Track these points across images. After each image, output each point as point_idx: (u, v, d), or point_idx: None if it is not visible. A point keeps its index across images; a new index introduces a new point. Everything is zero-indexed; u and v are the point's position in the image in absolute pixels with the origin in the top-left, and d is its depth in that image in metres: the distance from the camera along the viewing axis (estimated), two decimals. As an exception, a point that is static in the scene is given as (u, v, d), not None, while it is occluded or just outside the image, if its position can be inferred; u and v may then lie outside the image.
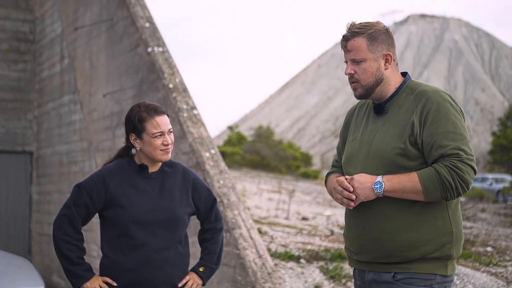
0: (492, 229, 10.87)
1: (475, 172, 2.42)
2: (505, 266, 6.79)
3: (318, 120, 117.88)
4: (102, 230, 2.88)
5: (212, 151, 5.79)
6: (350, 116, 2.81)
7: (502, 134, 38.98)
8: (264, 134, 34.50)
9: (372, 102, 2.67)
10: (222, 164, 5.77)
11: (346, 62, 2.61)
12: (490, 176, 28.27)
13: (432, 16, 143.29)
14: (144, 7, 7.05)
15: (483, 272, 6.39)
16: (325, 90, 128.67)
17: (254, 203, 12.44)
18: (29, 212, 10.07)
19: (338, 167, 2.85)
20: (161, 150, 2.80)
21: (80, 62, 8.42)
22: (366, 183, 2.45)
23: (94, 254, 7.27)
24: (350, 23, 2.61)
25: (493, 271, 6.51)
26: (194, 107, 6.16)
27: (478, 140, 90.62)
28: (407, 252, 2.45)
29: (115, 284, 2.80)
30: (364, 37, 2.55)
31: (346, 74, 2.63)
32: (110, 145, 7.35)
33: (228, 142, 30.91)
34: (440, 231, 2.46)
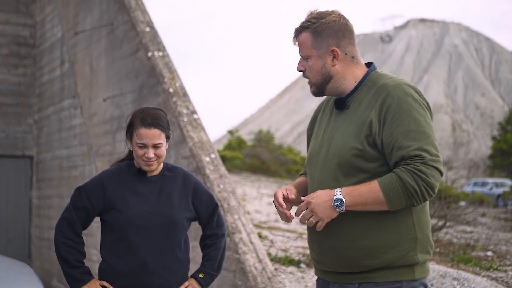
0: (493, 233, 10.86)
1: (441, 174, 2.19)
2: (505, 271, 6.78)
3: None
4: (101, 234, 2.89)
5: (212, 156, 5.79)
6: (317, 112, 2.60)
7: (502, 138, 39.00)
8: (264, 139, 34.49)
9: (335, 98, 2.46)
10: (222, 169, 5.77)
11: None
12: (490, 180, 28.27)
13: (432, 21, 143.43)
14: (144, 12, 7.06)
15: (483, 276, 6.38)
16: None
17: (254, 207, 12.44)
18: (29, 216, 10.06)
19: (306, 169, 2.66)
20: (143, 160, 2.77)
21: (80, 66, 8.43)
22: (325, 203, 2.21)
23: (94, 258, 7.26)
24: (310, 11, 2.41)
25: (494, 275, 6.50)
26: (194, 112, 6.16)
27: (478, 144, 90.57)
28: (367, 261, 2.25)
29: None
30: (308, 33, 2.36)
31: (297, 70, 2.44)
32: (110, 150, 7.35)
33: (228, 146, 30.91)
34: (403, 237, 2.24)
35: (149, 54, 6.56)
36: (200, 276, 2.93)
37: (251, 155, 28.88)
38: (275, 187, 18.49)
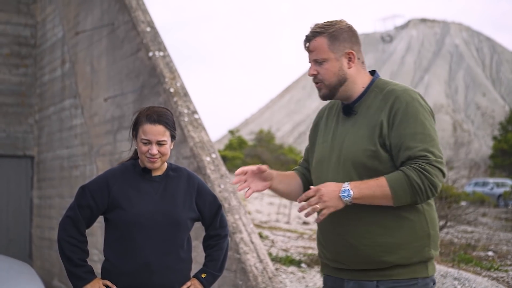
0: (493, 233, 10.86)
1: (444, 175, 2.33)
2: (506, 271, 6.78)
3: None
4: (105, 233, 2.89)
5: (213, 155, 5.79)
6: (320, 118, 2.71)
7: (503, 138, 39.00)
8: (265, 139, 34.53)
9: (341, 102, 2.58)
10: (223, 169, 5.77)
11: (310, 62, 2.53)
12: (491, 180, 28.24)
13: (433, 21, 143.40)
14: (145, 12, 7.06)
15: (484, 276, 6.38)
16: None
17: (255, 207, 12.44)
18: (30, 216, 10.07)
19: (301, 166, 2.77)
20: (146, 157, 2.78)
21: (81, 66, 8.43)
22: (333, 192, 2.31)
23: (95, 258, 7.26)
24: (314, 23, 2.52)
25: (494, 275, 6.50)
26: (195, 112, 6.16)
27: (479, 144, 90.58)
28: (385, 257, 2.36)
29: (115, 287, 2.80)
30: (325, 37, 2.47)
31: (309, 75, 2.54)
32: (111, 150, 7.35)
33: (229, 146, 30.93)
34: (418, 234, 2.38)
35: (150, 54, 6.57)
36: (203, 276, 2.94)
37: (252, 155, 28.91)
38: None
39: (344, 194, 2.31)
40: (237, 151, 28.51)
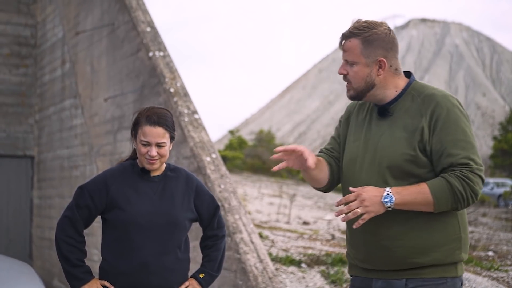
0: (494, 233, 10.85)
1: (483, 182, 2.36)
2: (506, 271, 6.78)
3: (319, 124, 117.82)
4: (103, 233, 2.89)
5: (213, 156, 5.79)
6: (350, 112, 2.68)
7: (503, 138, 38.97)
8: (265, 139, 34.53)
9: (374, 104, 2.56)
10: (223, 169, 5.77)
11: (343, 60, 2.53)
12: (491, 180, 28.22)
13: (433, 21, 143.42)
14: (145, 12, 7.06)
15: (484, 276, 6.38)
16: (326, 94, 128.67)
17: (255, 207, 12.45)
18: (30, 216, 10.07)
19: (324, 152, 2.71)
20: (146, 158, 2.78)
21: (81, 66, 8.43)
22: (375, 198, 2.33)
23: (95, 258, 7.26)
24: (356, 19, 2.51)
25: (495, 275, 6.50)
26: (195, 112, 6.16)
27: (479, 144, 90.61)
28: (417, 259, 2.38)
29: (112, 287, 2.80)
30: (359, 40, 2.45)
31: (339, 73, 2.53)
32: (111, 150, 7.36)
33: (229, 146, 30.92)
34: (450, 236, 2.41)
35: (150, 54, 6.57)
36: (201, 276, 2.94)
37: (252, 155, 28.90)
38: (276, 187, 18.50)
39: (386, 200, 2.33)
40: (237, 151, 28.50)
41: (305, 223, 10.64)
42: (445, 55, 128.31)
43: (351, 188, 2.39)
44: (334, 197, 17.85)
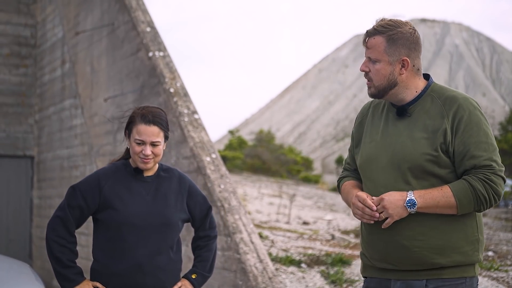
0: (493, 233, 10.85)
1: (505, 182, 2.40)
2: (506, 271, 6.78)
3: (319, 124, 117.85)
4: (94, 233, 2.86)
5: (213, 156, 5.79)
6: (364, 116, 2.68)
7: (503, 138, 38.96)
8: (265, 139, 34.53)
9: (391, 103, 2.56)
10: (223, 169, 5.77)
11: (365, 57, 2.53)
12: (491, 180, 28.21)
13: (433, 21, 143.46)
14: (145, 12, 7.06)
15: (484, 276, 6.39)
16: (326, 94, 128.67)
17: (255, 207, 12.44)
18: (30, 216, 10.07)
19: (351, 171, 2.72)
20: (140, 157, 2.76)
21: (81, 66, 8.43)
22: (398, 202, 2.36)
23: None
24: (380, 18, 2.51)
25: (495, 275, 6.50)
26: (195, 112, 6.16)
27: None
28: (436, 259, 2.39)
29: None
30: (383, 38, 2.45)
31: (360, 70, 2.52)
32: (111, 150, 7.36)
33: (229, 146, 30.92)
34: (469, 238, 2.43)
35: (150, 54, 6.57)
36: (193, 276, 2.94)
37: (252, 155, 28.90)
38: (275, 187, 18.49)
39: (409, 204, 2.36)
40: (237, 151, 28.50)
41: (305, 223, 10.64)
42: (445, 55, 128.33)
43: (373, 198, 2.41)
44: (334, 197, 17.85)
